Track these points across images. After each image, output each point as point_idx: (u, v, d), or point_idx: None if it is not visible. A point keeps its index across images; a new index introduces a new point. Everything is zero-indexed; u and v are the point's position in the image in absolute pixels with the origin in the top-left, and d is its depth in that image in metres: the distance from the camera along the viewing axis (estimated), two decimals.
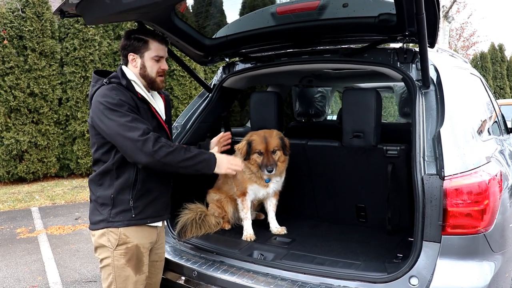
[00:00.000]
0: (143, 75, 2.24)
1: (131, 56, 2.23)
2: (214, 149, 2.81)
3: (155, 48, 2.23)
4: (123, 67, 2.25)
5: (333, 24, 2.72)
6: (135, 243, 2.17)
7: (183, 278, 2.59)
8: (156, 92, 2.40)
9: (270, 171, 2.76)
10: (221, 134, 2.77)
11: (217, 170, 2.22)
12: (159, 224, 2.32)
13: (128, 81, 2.17)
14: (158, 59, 2.25)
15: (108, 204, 2.15)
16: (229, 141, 2.82)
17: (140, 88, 2.22)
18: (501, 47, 18.92)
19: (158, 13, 2.48)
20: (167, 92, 2.53)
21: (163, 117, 2.36)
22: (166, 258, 2.68)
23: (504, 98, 16.91)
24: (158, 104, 2.37)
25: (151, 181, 2.21)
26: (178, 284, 2.62)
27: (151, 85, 2.28)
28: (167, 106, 2.43)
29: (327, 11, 2.63)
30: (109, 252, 2.16)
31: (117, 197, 2.14)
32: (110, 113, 2.05)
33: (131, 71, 2.24)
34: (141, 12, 2.32)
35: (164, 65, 2.29)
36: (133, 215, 2.16)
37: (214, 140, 2.75)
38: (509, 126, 4.30)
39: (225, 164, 2.26)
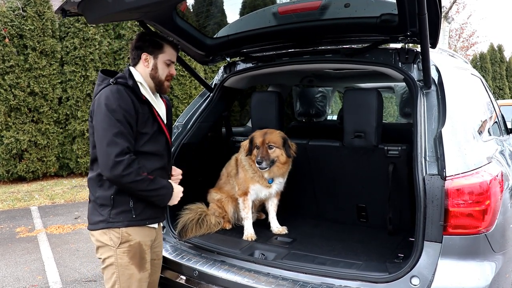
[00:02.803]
0: (153, 76, 2.26)
1: (144, 55, 2.24)
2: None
3: (169, 52, 2.29)
4: (131, 68, 2.25)
5: (335, 24, 2.72)
6: (137, 240, 2.18)
7: (184, 277, 2.59)
8: (158, 96, 2.40)
9: (258, 163, 2.75)
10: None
11: (169, 203, 2.28)
12: (156, 225, 2.33)
13: (135, 82, 2.17)
14: (169, 64, 2.29)
15: (108, 204, 2.14)
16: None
17: (145, 90, 2.22)
18: (500, 48, 18.94)
19: (160, 12, 2.48)
20: (167, 97, 2.57)
21: (165, 121, 2.36)
22: (167, 258, 2.68)
23: (504, 99, 16.93)
24: (160, 108, 2.37)
25: None
26: (179, 284, 2.62)
27: (158, 87, 2.30)
28: (168, 110, 2.45)
29: (329, 11, 2.63)
30: (112, 251, 2.15)
31: (117, 198, 2.14)
32: (103, 117, 2.06)
33: (139, 73, 2.24)
34: (142, 11, 2.33)
35: (173, 70, 2.33)
36: (134, 216, 2.16)
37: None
38: (509, 126, 4.31)
39: (178, 196, 2.32)
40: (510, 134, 4.20)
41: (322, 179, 3.25)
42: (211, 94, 3.36)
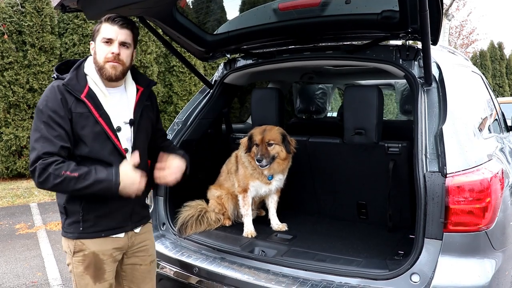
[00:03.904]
0: (95, 62, 2.01)
1: (91, 45, 2.05)
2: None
3: (104, 30, 1.98)
4: (89, 58, 2.06)
5: (336, 21, 2.71)
6: (92, 250, 2.02)
7: (184, 274, 2.59)
8: (132, 83, 2.12)
9: (259, 161, 2.74)
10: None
11: (124, 192, 1.90)
12: (121, 235, 2.09)
13: (73, 77, 1.97)
14: (107, 41, 1.97)
15: (63, 213, 2.03)
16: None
17: (94, 83, 1.99)
18: (500, 45, 18.94)
19: (160, 8, 2.47)
20: (154, 81, 2.25)
21: (127, 118, 2.05)
22: (166, 255, 2.68)
23: (504, 96, 16.94)
24: (128, 97, 2.08)
25: None
26: (179, 281, 2.62)
27: (100, 73, 1.99)
28: (139, 101, 2.10)
29: (330, 7, 2.62)
30: (70, 259, 2.06)
31: (69, 207, 2.00)
32: (34, 120, 1.93)
33: (92, 63, 2.03)
34: (142, 7, 2.32)
35: (113, 48, 1.96)
36: (81, 229, 1.99)
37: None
38: (509, 124, 4.30)
39: (135, 185, 1.92)
40: (510, 132, 4.20)
41: (322, 176, 3.24)
42: (211, 91, 3.35)
